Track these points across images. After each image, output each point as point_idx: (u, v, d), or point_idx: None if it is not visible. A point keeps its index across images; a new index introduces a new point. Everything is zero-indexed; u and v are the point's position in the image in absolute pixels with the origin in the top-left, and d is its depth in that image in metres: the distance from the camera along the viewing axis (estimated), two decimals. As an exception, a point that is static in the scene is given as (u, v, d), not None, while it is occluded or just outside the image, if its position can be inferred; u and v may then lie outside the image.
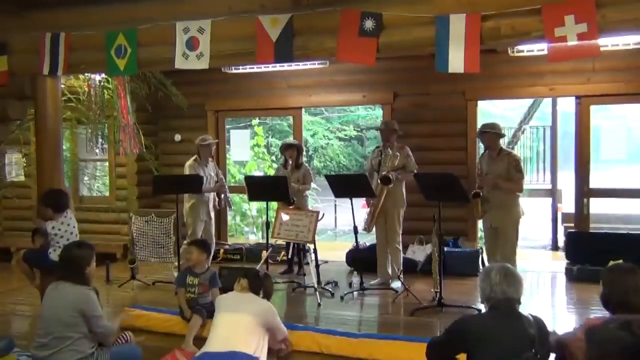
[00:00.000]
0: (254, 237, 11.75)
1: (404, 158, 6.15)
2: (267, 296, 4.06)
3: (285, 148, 6.98)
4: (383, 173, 6.03)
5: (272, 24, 4.38)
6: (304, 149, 8.64)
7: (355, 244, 6.35)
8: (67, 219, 5.25)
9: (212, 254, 5.18)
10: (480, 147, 7.43)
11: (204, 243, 5.28)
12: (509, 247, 5.49)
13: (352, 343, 4.42)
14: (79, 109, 7.08)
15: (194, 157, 6.76)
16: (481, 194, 5.61)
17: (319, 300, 5.69)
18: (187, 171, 6.70)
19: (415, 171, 6.05)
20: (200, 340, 4.17)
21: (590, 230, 7.20)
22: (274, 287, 4.31)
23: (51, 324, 3.50)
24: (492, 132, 5.63)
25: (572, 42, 3.74)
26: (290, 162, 6.83)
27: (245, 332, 3.61)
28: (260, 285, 3.98)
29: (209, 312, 4.55)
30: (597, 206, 7.97)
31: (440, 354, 2.95)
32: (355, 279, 6.40)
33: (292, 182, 6.51)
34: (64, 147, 6.66)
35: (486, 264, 6.34)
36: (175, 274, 6.66)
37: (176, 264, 6.89)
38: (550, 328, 3.13)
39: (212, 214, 6.85)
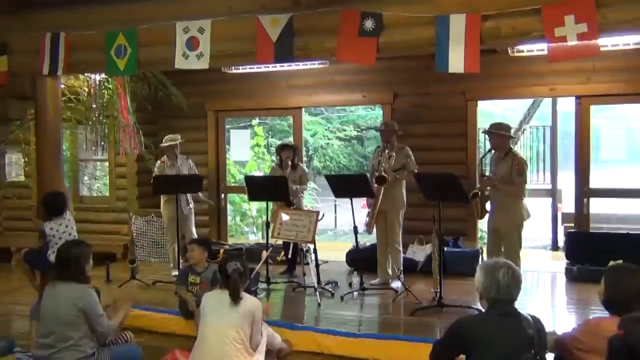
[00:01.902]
0: (254, 237, 11.75)
1: (403, 158, 6.14)
2: (237, 291, 3.67)
3: (282, 149, 6.96)
4: (376, 174, 6.04)
5: (272, 24, 4.38)
6: (304, 149, 8.65)
7: (355, 244, 6.35)
8: (65, 221, 5.23)
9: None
10: (481, 148, 7.44)
11: (205, 242, 5.28)
12: (511, 250, 5.41)
13: (352, 343, 4.41)
14: (79, 109, 7.08)
15: (161, 158, 6.95)
16: (479, 194, 5.57)
17: (319, 300, 5.68)
18: (154, 173, 6.91)
19: (416, 171, 6.05)
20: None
21: (590, 230, 7.20)
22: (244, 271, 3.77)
23: (52, 323, 3.49)
24: (497, 133, 5.55)
25: (572, 42, 3.74)
26: (290, 163, 6.82)
27: (237, 343, 3.54)
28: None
29: None
30: (597, 206, 7.98)
31: (441, 355, 2.94)
32: (355, 279, 6.40)
33: (289, 182, 6.49)
34: (64, 147, 6.66)
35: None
36: (173, 273, 6.68)
37: (172, 264, 6.91)
38: (550, 328, 3.13)
39: (187, 211, 6.87)
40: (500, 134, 5.55)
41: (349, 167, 20.47)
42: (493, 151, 5.71)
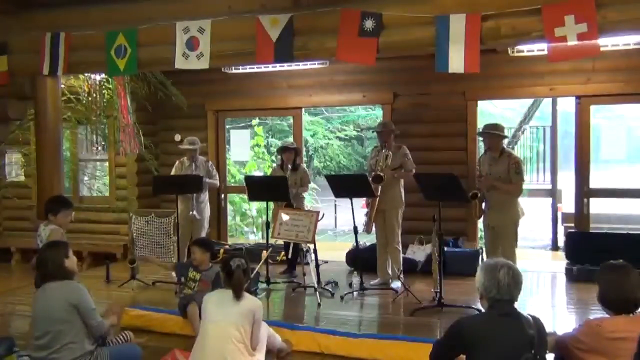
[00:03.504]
0: (254, 237, 11.76)
1: (400, 157, 6.15)
2: (241, 286, 3.70)
3: (283, 151, 6.93)
4: (373, 173, 6.04)
5: (272, 24, 4.38)
6: (304, 149, 8.63)
7: (355, 244, 6.35)
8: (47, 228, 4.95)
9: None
10: (481, 147, 7.44)
11: (206, 243, 5.28)
12: (508, 247, 5.47)
13: (352, 343, 4.41)
14: (79, 109, 7.08)
15: (180, 159, 6.95)
16: (478, 194, 5.60)
17: (319, 300, 5.68)
18: (172, 173, 6.90)
19: (414, 170, 6.06)
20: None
21: (590, 230, 7.20)
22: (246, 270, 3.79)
23: (46, 323, 3.48)
24: (493, 133, 5.61)
25: (572, 42, 3.75)
26: (290, 166, 6.81)
27: (237, 342, 3.54)
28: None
29: None
30: (597, 206, 7.98)
31: (441, 355, 2.94)
32: (355, 279, 6.40)
33: (290, 184, 6.48)
34: (64, 147, 6.66)
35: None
36: (173, 273, 6.69)
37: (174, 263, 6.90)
38: (550, 328, 3.13)
39: (197, 213, 6.78)
40: (496, 134, 5.60)
41: (349, 167, 20.49)
42: (487, 152, 5.77)
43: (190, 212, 6.76)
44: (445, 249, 6.59)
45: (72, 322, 3.48)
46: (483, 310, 2.92)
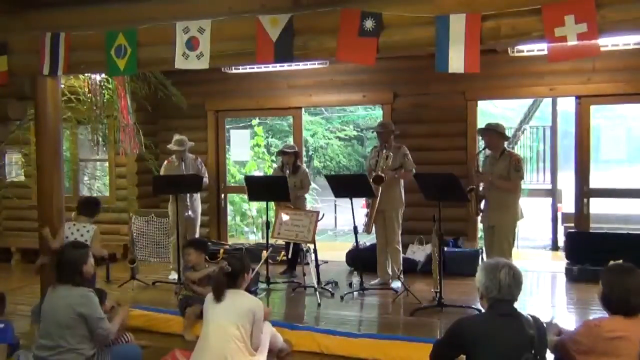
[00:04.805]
0: (254, 237, 11.76)
1: (400, 158, 6.15)
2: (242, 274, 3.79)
3: (282, 154, 6.94)
4: (374, 173, 6.04)
5: (272, 24, 4.37)
6: (304, 149, 8.63)
7: (355, 244, 6.35)
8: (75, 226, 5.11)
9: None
10: (481, 147, 7.44)
11: (201, 243, 5.28)
12: (505, 247, 5.47)
13: (352, 343, 4.42)
14: (79, 109, 7.08)
15: (169, 158, 7.02)
16: (475, 189, 5.62)
17: (319, 300, 5.69)
18: (161, 171, 7.01)
19: (414, 170, 6.06)
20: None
21: (590, 230, 7.20)
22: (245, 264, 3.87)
23: (51, 325, 3.50)
24: (493, 131, 5.61)
25: (572, 42, 3.74)
26: (289, 170, 6.80)
27: (238, 341, 3.56)
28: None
29: None
30: (597, 206, 7.98)
31: (441, 355, 2.95)
32: (355, 279, 6.40)
33: (290, 187, 6.46)
34: (64, 147, 6.66)
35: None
36: (172, 274, 6.69)
37: (173, 265, 6.89)
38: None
39: (191, 212, 6.82)
40: (496, 131, 5.63)
41: (349, 167, 20.48)
42: (489, 151, 5.77)
43: (186, 213, 6.76)
44: (445, 249, 6.59)
45: (77, 329, 3.49)
46: (483, 310, 2.92)
